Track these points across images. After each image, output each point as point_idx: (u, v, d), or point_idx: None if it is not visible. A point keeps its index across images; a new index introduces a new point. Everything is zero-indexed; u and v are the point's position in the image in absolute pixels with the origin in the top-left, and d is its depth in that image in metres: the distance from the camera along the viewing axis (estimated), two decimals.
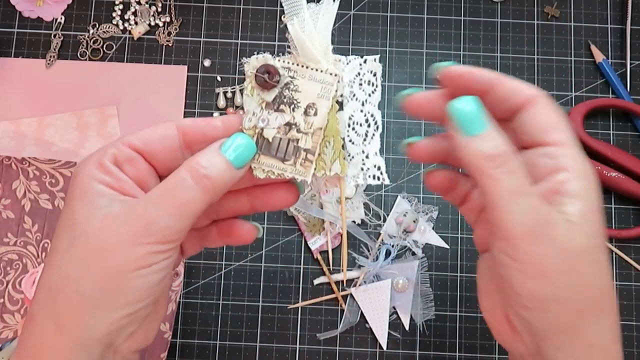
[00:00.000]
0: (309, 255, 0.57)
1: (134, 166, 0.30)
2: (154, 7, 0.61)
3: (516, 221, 0.28)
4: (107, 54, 0.60)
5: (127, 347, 0.31)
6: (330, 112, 0.31)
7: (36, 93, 0.59)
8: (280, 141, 0.31)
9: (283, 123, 0.31)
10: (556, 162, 0.29)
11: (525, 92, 0.30)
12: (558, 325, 0.28)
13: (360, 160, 0.32)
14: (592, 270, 0.28)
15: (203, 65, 0.60)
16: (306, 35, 0.30)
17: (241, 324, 0.56)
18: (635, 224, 0.57)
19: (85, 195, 0.29)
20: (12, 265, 0.55)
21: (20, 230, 0.55)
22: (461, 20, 0.61)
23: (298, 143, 0.31)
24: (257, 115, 0.31)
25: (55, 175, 0.56)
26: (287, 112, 0.31)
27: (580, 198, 0.29)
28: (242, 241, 0.35)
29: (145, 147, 0.31)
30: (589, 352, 0.29)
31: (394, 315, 0.55)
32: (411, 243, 0.56)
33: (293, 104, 0.31)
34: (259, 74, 0.31)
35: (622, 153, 0.57)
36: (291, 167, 0.31)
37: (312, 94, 0.31)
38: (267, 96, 0.31)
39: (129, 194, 0.30)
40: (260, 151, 0.31)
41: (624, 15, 0.61)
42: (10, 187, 0.56)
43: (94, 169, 0.29)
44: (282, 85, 0.31)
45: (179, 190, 0.29)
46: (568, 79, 0.60)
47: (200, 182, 0.29)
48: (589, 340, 0.29)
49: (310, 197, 0.56)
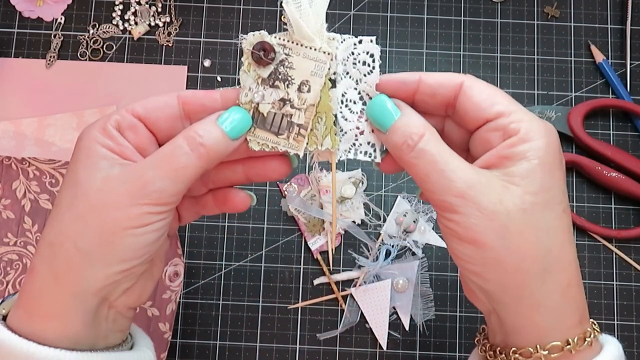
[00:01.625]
0: (309, 255, 0.57)
1: (135, 132, 0.32)
2: (154, 7, 0.61)
3: (441, 195, 0.29)
4: (107, 54, 0.60)
5: (121, 302, 0.33)
6: (322, 89, 0.32)
7: (36, 93, 0.59)
8: (274, 116, 0.33)
9: (278, 98, 0.32)
10: (503, 131, 0.30)
11: (449, 81, 0.32)
12: (501, 286, 0.29)
13: (353, 136, 0.33)
14: (529, 230, 0.28)
15: (203, 65, 0.60)
16: (301, 14, 0.31)
17: (241, 324, 0.56)
18: (635, 224, 0.57)
19: (88, 157, 0.31)
20: (12, 265, 0.55)
21: (20, 231, 0.55)
22: (461, 20, 0.61)
23: (291, 118, 0.32)
24: (253, 91, 0.32)
25: (55, 175, 0.56)
26: (282, 88, 0.32)
27: (524, 158, 0.29)
28: (236, 209, 0.37)
29: (147, 114, 0.32)
30: (536, 310, 0.29)
31: (394, 315, 0.55)
32: (411, 243, 0.56)
33: (287, 80, 0.32)
34: (255, 50, 0.32)
35: (622, 153, 0.57)
36: (284, 141, 0.33)
37: (305, 71, 0.32)
38: (263, 72, 0.32)
39: (129, 158, 0.31)
40: (255, 125, 0.33)
41: (624, 15, 0.61)
42: (10, 187, 0.56)
43: (97, 133, 0.31)
44: (277, 62, 0.32)
45: (175, 155, 0.31)
46: (568, 79, 0.60)
47: (195, 149, 0.31)
48: (535, 299, 0.29)
49: (310, 197, 0.56)
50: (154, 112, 0.33)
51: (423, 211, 0.57)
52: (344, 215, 0.56)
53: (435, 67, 0.60)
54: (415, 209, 0.57)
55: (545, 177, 0.29)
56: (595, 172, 0.56)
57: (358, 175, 0.57)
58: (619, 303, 0.56)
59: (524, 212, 0.28)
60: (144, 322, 0.53)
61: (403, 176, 0.58)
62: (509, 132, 0.30)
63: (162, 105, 0.33)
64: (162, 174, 0.30)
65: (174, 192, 0.31)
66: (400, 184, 0.58)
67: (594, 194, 0.58)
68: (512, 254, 0.28)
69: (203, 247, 0.57)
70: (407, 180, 0.58)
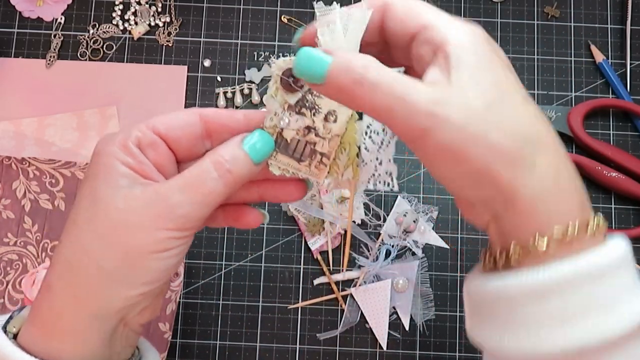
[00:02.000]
0: (309, 255, 0.57)
1: (155, 150, 0.31)
2: (154, 7, 0.61)
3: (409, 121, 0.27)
4: (107, 54, 0.60)
5: (136, 321, 0.32)
6: (349, 121, 0.32)
7: (36, 93, 0.59)
8: (298, 142, 0.32)
9: (303, 126, 0.32)
10: (432, 44, 0.28)
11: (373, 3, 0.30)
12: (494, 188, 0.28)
13: (373, 166, 0.33)
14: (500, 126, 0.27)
15: (203, 65, 0.60)
16: (335, 44, 0.30)
17: (241, 324, 0.56)
18: (635, 224, 0.57)
19: (108, 173, 0.30)
20: (12, 265, 0.55)
21: (20, 231, 0.55)
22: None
23: (315, 146, 0.32)
24: (279, 116, 0.32)
25: (55, 175, 0.56)
26: (308, 116, 0.32)
27: (462, 63, 0.27)
28: (248, 226, 0.36)
29: (168, 132, 0.32)
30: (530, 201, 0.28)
31: (394, 315, 0.55)
32: (411, 243, 0.56)
33: (314, 109, 0.32)
34: (285, 77, 0.31)
35: (622, 153, 0.57)
36: (306, 168, 0.32)
37: (333, 101, 0.31)
38: (290, 98, 0.32)
39: (150, 177, 0.31)
40: (278, 149, 0.32)
41: (624, 15, 0.61)
42: (10, 187, 0.56)
43: (117, 150, 0.30)
44: (306, 90, 0.32)
45: (203, 180, 0.30)
46: (568, 79, 0.60)
47: (223, 175, 0.30)
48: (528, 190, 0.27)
49: (310, 197, 0.56)
50: (175, 131, 0.32)
51: (423, 211, 0.57)
52: (344, 215, 0.56)
53: None
54: (415, 209, 0.57)
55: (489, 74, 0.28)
56: (595, 172, 0.56)
57: None
58: None
59: (488, 110, 0.27)
60: None
61: (403, 176, 0.58)
62: (436, 43, 0.28)
63: (184, 123, 0.32)
64: (189, 198, 0.30)
65: (199, 217, 0.30)
66: (400, 184, 0.58)
67: (594, 194, 0.58)
68: (494, 154, 0.27)
69: (203, 247, 0.57)
70: (407, 180, 0.58)
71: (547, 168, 0.28)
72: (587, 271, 0.27)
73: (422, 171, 0.58)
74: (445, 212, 0.57)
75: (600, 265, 0.27)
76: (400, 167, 0.58)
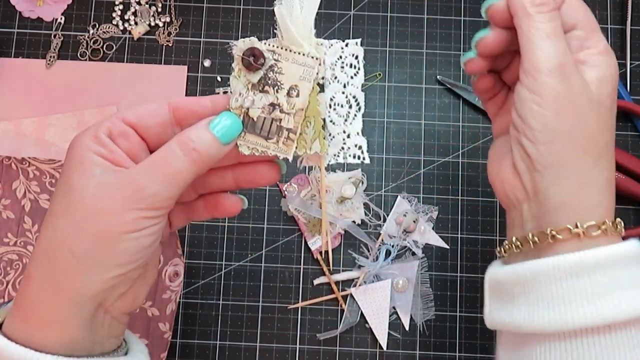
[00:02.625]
0: (309, 255, 0.57)
1: (126, 139, 0.33)
2: (154, 7, 0.61)
3: (545, 58, 0.32)
4: (107, 54, 0.60)
5: (117, 307, 0.33)
6: (311, 94, 0.33)
7: (36, 93, 0.59)
8: (264, 120, 0.33)
9: (267, 103, 0.33)
10: (582, 42, 0.35)
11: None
12: (560, 159, 0.33)
13: (341, 139, 0.34)
14: (601, 122, 0.33)
15: (203, 65, 0.60)
16: (292, 18, 0.32)
17: (241, 324, 0.56)
18: (635, 224, 0.57)
19: (81, 164, 0.31)
20: (12, 265, 0.55)
21: (20, 231, 0.55)
22: (461, 20, 0.61)
23: (281, 123, 0.33)
24: (243, 96, 0.33)
25: (55, 175, 0.56)
26: (271, 93, 0.33)
27: (598, 68, 0.34)
28: (227, 213, 0.37)
29: (139, 121, 0.33)
30: (584, 187, 0.33)
31: (394, 315, 0.55)
32: (411, 243, 0.56)
33: (277, 85, 0.33)
34: (245, 56, 0.33)
35: (622, 153, 0.57)
36: (274, 145, 0.33)
37: (294, 76, 0.33)
38: (253, 78, 0.33)
39: (121, 164, 0.32)
40: (245, 129, 0.33)
41: (624, 15, 0.61)
42: (10, 187, 0.56)
43: (90, 141, 0.32)
44: (267, 67, 0.33)
45: (168, 160, 0.31)
46: None
47: (189, 154, 0.31)
48: (586, 177, 0.33)
49: (310, 197, 0.56)
50: (144, 119, 0.33)
51: (423, 211, 0.57)
52: (344, 216, 0.56)
53: (435, 67, 0.60)
54: (415, 209, 0.57)
55: (612, 89, 0.34)
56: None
57: (358, 175, 0.57)
58: None
59: (599, 105, 0.33)
60: (144, 322, 0.53)
61: (403, 176, 0.58)
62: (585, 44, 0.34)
63: (153, 112, 0.33)
64: (156, 178, 0.31)
65: (168, 196, 0.31)
66: (400, 184, 0.58)
67: None
68: (582, 134, 0.32)
69: (203, 247, 0.57)
70: (407, 180, 0.58)
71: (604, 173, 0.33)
72: (615, 257, 0.31)
73: (422, 171, 0.58)
74: (445, 212, 0.57)
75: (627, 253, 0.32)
76: (400, 167, 0.58)
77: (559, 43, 0.32)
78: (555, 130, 0.32)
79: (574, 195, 0.33)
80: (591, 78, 0.33)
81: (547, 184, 0.33)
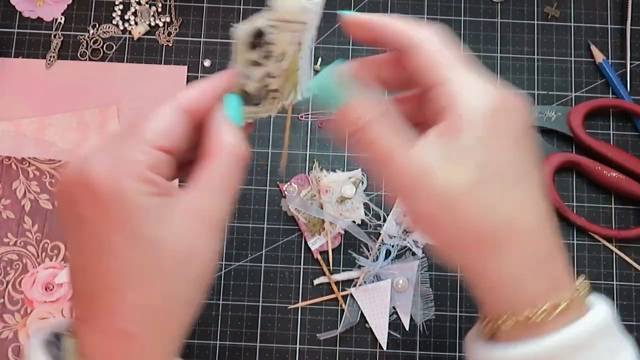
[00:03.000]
0: (309, 255, 0.57)
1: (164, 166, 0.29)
2: (154, 7, 0.61)
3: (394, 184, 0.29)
4: (107, 54, 0.60)
5: None
6: (294, 54, 0.33)
7: (36, 93, 0.59)
8: (258, 90, 0.33)
9: (262, 74, 0.33)
10: (438, 104, 0.28)
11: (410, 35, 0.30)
12: (462, 264, 0.29)
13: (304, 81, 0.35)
14: (475, 209, 0.27)
15: (203, 65, 0.60)
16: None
17: (241, 324, 0.56)
18: (635, 224, 0.57)
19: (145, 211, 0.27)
20: (12, 265, 0.55)
21: (20, 231, 0.55)
22: (461, 20, 0.61)
23: (269, 87, 0.33)
24: (243, 73, 0.33)
25: (55, 175, 0.56)
26: (265, 64, 0.33)
27: (459, 135, 0.27)
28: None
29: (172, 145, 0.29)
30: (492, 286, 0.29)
31: (394, 315, 0.55)
32: (411, 243, 0.56)
33: (269, 55, 0.33)
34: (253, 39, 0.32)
35: (622, 153, 0.57)
36: (262, 109, 0.34)
37: (284, 43, 0.33)
38: (253, 55, 0.33)
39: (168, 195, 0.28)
40: (245, 104, 0.33)
41: (624, 15, 0.61)
42: (10, 187, 0.56)
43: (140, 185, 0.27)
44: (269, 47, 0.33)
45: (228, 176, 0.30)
46: (568, 79, 0.60)
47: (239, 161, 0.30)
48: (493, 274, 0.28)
49: (310, 197, 0.56)
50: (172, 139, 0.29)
51: None
52: (344, 216, 0.56)
53: None
54: None
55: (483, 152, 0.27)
56: (595, 172, 0.56)
57: (358, 175, 0.57)
58: (619, 303, 0.56)
59: (468, 190, 0.27)
60: None
61: None
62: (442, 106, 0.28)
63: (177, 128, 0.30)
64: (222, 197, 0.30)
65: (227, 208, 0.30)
66: None
67: (593, 194, 0.58)
68: (465, 233, 0.28)
69: None
70: None
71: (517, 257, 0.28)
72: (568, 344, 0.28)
73: None
74: None
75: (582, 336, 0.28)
76: None
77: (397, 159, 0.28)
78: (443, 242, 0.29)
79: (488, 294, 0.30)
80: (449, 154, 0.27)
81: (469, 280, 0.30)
